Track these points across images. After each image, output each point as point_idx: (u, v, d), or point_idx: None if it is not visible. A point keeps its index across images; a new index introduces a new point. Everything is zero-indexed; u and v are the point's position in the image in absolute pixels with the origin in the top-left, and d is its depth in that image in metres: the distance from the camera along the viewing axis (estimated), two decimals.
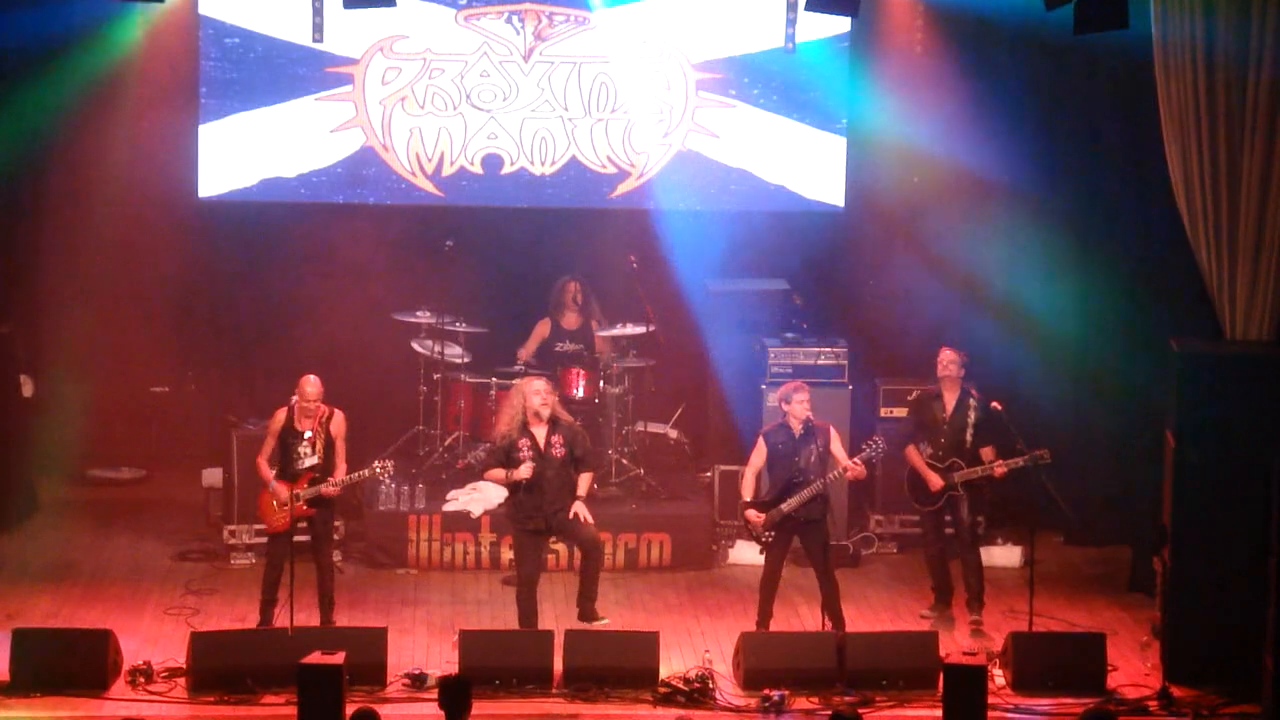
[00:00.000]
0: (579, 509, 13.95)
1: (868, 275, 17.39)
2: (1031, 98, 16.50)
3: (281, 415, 14.14)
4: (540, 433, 13.92)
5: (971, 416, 14.47)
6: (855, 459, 14.08)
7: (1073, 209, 16.53)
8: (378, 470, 14.37)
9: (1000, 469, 14.33)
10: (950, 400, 14.56)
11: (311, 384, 14.11)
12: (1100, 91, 16.13)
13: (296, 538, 14.08)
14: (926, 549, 14.82)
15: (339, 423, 14.19)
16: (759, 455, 14.17)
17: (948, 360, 14.61)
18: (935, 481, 14.45)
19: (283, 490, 14.01)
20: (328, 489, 14.05)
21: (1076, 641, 13.88)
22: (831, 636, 13.59)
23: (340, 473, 14.14)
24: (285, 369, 16.23)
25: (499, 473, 13.94)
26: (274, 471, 14.11)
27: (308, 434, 14.08)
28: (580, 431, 14.21)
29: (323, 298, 16.99)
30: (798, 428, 14.06)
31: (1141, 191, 15.83)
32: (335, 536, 14.95)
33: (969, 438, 14.47)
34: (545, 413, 13.90)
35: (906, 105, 16.90)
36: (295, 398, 14.14)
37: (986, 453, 14.45)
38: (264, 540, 15.49)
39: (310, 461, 14.10)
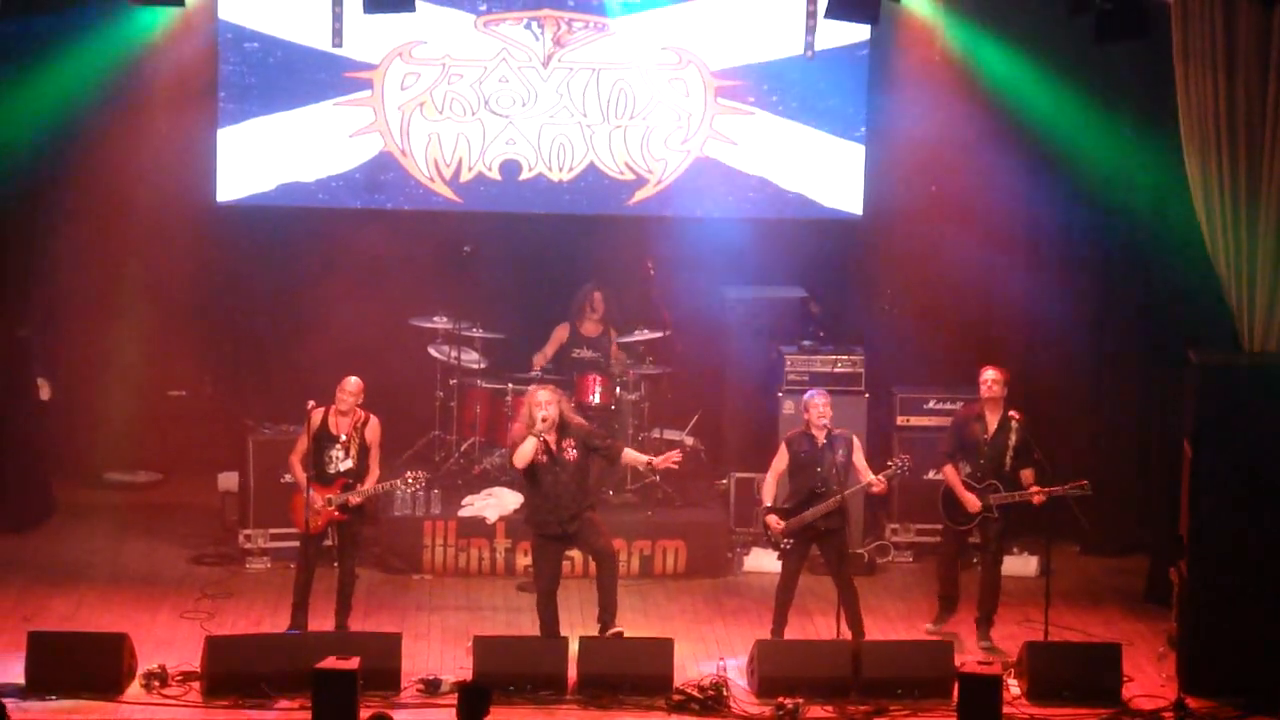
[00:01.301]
0: (661, 461, 14.12)
1: (885, 283, 17.38)
2: (1050, 106, 16.47)
3: (318, 416, 14.10)
4: (551, 438, 13.87)
5: (1013, 439, 14.19)
6: (880, 475, 14.01)
7: (1091, 218, 16.52)
8: (409, 480, 14.35)
9: (1039, 497, 14.08)
10: (992, 421, 14.29)
11: (352, 384, 14.08)
12: (1119, 100, 16.10)
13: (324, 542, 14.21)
14: (942, 560, 14.66)
15: (374, 429, 14.17)
16: (781, 460, 14.13)
17: (991, 380, 14.31)
18: (972, 502, 14.22)
19: (316, 495, 14.01)
20: (354, 497, 14.04)
21: (1092, 652, 13.85)
22: (847, 645, 13.56)
23: (371, 480, 14.13)
24: (302, 374, 16.30)
25: (529, 443, 13.82)
26: (308, 474, 14.08)
27: (342, 437, 14.07)
28: (589, 429, 14.15)
29: (340, 303, 17.00)
30: (820, 436, 14.01)
31: (1160, 201, 15.80)
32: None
33: (1009, 460, 14.23)
34: (547, 424, 13.79)
35: (925, 113, 16.89)
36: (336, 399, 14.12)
37: (1025, 476, 14.24)
38: (279, 545, 15.58)
39: (344, 466, 14.09)
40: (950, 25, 16.69)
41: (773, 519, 14.00)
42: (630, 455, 14.26)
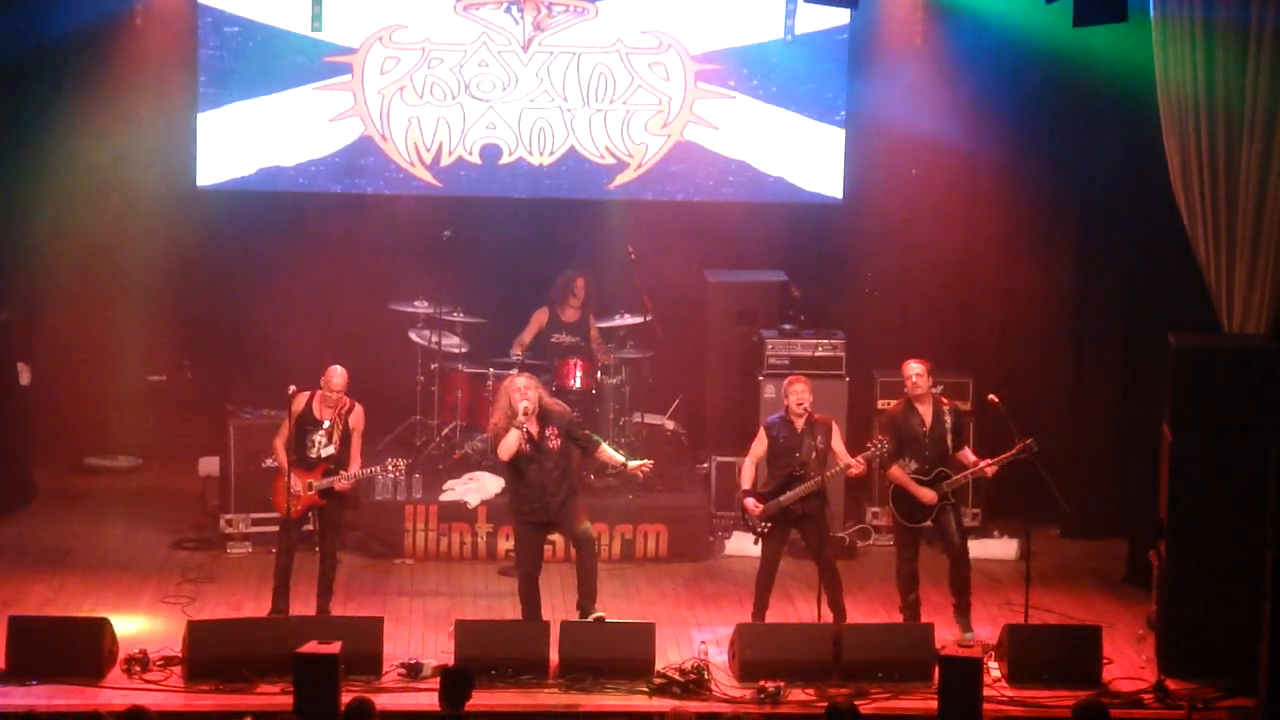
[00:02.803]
0: (635, 466, 14.16)
1: (865, 267, 17.39)
2: (1030, 90, 16.50)
3: (301, 400, 14.10)
4: (533, 427, 13.84)
5: (949, 421, 14.08)
6: (859, 457, 14.00)
7: (1071, 201, 16.54)
8: (389, 467, 14.35)
9: (991, 468, 14.02)
10: (926, 412, 14.11)
11: (338, 375, 14.04)
12: (1099, 84, 16.12)
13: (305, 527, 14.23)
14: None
15: (358, 417, 14.16)
16: (760, 445, 14.12)
17: (916, 374, 14.09)
18: (928, 495, 14.01)
19: (297, 479, 14.00)
20: (340, 483, 14.02)
21: (1072, 634, 13.88)
22: (828, 628, 13.58)
23: (354, 467, 14.12)
24: (282, 358, 16.28)
25: (512, 435, 13.76)
26: (291, 458, 14.06)
27: (326, 423, 14.06)
28: (571, 417, 14.15)
29: (320, 287, 17.00)
30: (799, 422, 14.01)
31: (1140, 184, 15.83)
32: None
33: (950, 445, 14.10)
34: (529, 414, 13.76)
35: (905, 97, 16.91)
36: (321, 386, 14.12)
37: (963, 456, 14.14)
38: (260, 529, 15.57)
39: (326, 451, 14.07)
40: (929, 9, 16.70)
41: (750, 502, 14.00)
42: (606, 453, 14.20)
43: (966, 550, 14.22)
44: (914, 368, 14.17)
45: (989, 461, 14.05)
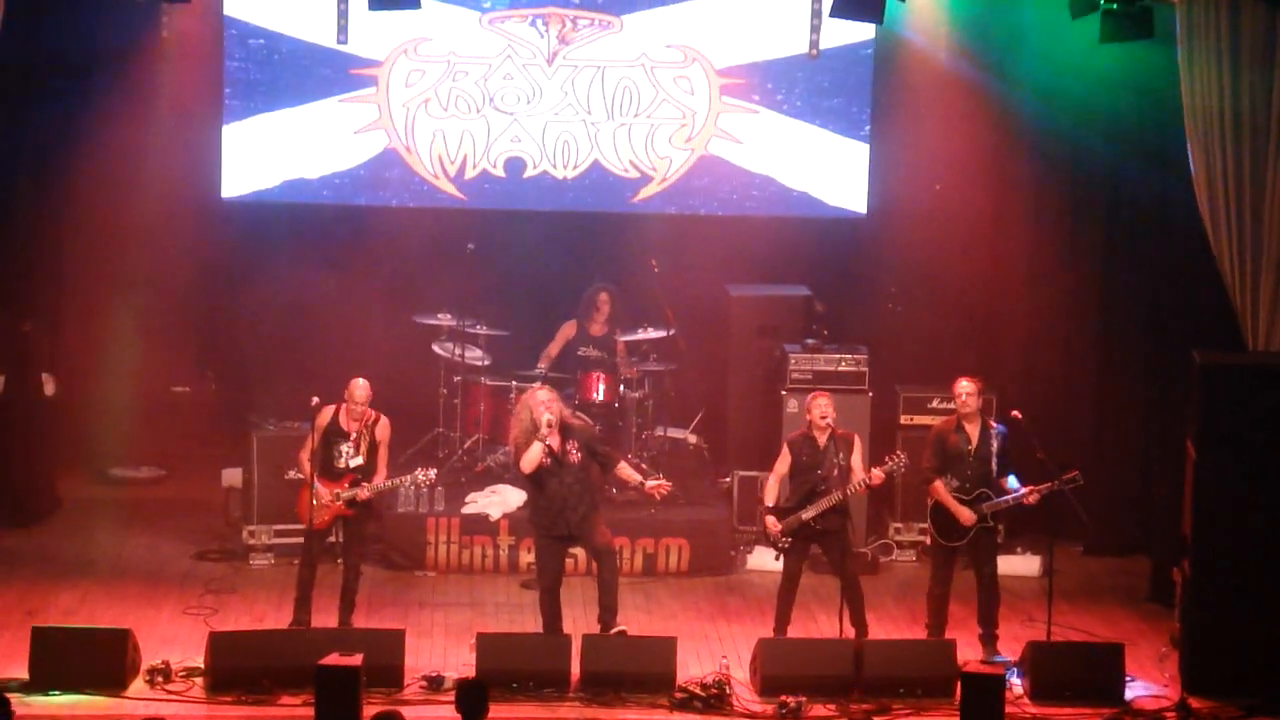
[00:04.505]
0: (652, 486, 14.07)
1: (889, 282, 17.38)
2: (1054, 105, 16.47)
3: (328, 413, 14.12)
4: (553, 440, 13.85)
5: (995, 445, 13.99)
6: (876, 469, 13.95)
7: (1095, 217, 16.52)
8: (419, 479, 14.36)
9: (1033, 496, 13.90)
10: (973, 431, 14.02)
11: (360, 387, 14.08)
12: (1124, 100, 16.10)
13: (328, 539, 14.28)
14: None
15: (384, 428, 14.18)
16: (783, 462, 14.10)
17: (967, 393, 14.01)
18: (967, 515, 13.93)
19: (324, 490, 14.02)
20: (362, 493, 14.04)
21: (1095, 651, 13.85)
22: (849, 644, 13.56)
23: (380, 478, 14.14)
24: (306, 370, 16.31)
25: (535, 448, 13.81)
26: (317, 470, 14.06)
27: (352, 434, 14.08)
28: (592, 433, 14.18)
29: (344, 299, 17.02)
30: (822, 437, 13.99)
31: (1164, 201, 15.80)
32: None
33: (994, 467, 14.00)
34: (552, 428, 13.76)
35: (929, 112, 16.90)
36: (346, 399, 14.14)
37: (1003, 483, 13.98)
38: (282, 541, 15.58)
39: (354, 462, 14.09)
40: (954, 24, 16.70)
41: (771, 520, 13.98)
42: (625, 470, 14.19)
43: (996, 580, 14.14)
44: (965, 386, 14.08)
45: (1031, 489, 13.95)
